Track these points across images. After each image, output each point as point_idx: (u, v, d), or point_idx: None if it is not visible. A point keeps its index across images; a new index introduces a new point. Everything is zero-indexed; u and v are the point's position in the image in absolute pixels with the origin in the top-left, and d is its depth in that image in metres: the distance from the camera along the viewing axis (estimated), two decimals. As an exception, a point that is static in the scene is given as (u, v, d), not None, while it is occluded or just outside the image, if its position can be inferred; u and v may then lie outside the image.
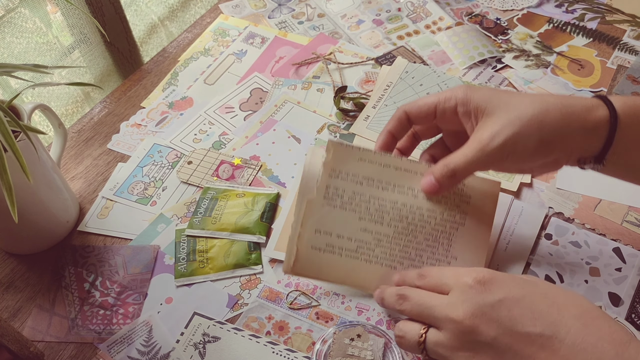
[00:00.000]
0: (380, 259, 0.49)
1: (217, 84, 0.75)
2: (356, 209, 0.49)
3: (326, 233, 0.48)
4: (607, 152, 0.45)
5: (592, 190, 0.61)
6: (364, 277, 0.48)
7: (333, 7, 0.85)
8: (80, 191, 0.64)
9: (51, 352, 0.52)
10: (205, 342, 0.51)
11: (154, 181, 0.64)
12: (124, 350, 0.51)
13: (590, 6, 0.83)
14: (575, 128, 0.44)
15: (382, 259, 0.49)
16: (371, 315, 0.53)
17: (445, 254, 0.49)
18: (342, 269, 0.48)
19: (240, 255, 0.56)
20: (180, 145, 0.68)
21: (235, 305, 0.54)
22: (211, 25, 0.84)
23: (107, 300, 0.54)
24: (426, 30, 0.81)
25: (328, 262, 0.48)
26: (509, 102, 0.45)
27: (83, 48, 0.78)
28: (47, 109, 0.56)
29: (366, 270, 0.48)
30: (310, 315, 0.53)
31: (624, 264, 0.55)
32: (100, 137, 0.70)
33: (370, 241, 0.49)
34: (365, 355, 0.49)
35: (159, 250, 0.58)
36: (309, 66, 0.77)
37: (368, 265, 0.48)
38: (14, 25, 0.67)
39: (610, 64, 0.74)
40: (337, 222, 0.49)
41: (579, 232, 0.58)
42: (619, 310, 0.52)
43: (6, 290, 0.56)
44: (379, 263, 0.49)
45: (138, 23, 0.86)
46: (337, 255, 0.48)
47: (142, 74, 0.78)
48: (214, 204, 0.60)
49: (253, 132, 0.69)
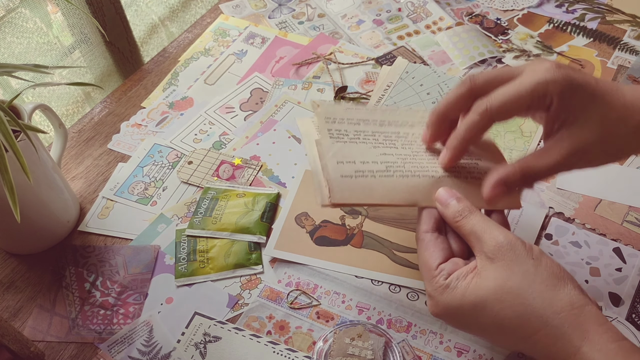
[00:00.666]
0: (416, 172, 0.46)
1: (217, 84, 0.75)
2: (366, 141, 0.48)
3: (349, 162, 0.46)
4: None
5: (592, 190, 0.61)
6: (410, 190, 0.45)
7: (333, 7, 0.85)
8: (81, 191, 0.64)
9: (52, 352, 0.52)
10: (206, 342, 0.51)
11: (155, 181, 0.64)
12: (124, 350, 0.51)
13: (590, 6, 0.83)
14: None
15: (417, 171, 0.46)
16: (372, 314, 0.53)
17: (469, 158, 0.48)
18: (381, 189, 0.45)
19: (241, 255, 0.56)
20: (181, 145, 0.68)
21: (235, 305, 0.54)
22: (211, 26, 0.84)
23: (107, 300, 0.54)
24: (426, 30, 0.81)
25: (364, 186, 0.45)
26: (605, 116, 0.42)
27: (83, 48, 0.78)
28: (47, 109, 0.56)
29: (407, 185, 0.45)
30: (310, 314, 0.53)
31: (624, 264, 0.55)
32: (100, 137, 0.70)
33: (396, 161, 0.47)
34: (365, 354, 0.49)
35: (160, 250, 0.58)
36: (309, 66, 0.77)
37: (407, 179, 0.45)
38: (14, 26, 0.67)
39: (611, 64, 0.74)
40: (354, 152, 0.47)
41: (579, 232, 0.58)
42: (619, 310, 0.52)
43: (7, 290, 0.56)
44: (416, 175, 0.46)
45: (138, 23, 0.86)
46: (371, 177, 0.45)
47: (143, 74, 0.78)
48: (215, 204, 0.60)
49: (253, 132, 0.69)
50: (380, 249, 0.57)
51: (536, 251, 0.40)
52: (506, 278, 0.38)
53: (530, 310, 0.38)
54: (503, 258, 0.39)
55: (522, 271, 0.38)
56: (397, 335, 0.51)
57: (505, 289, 0.38)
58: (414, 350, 0.50)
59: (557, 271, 0.39)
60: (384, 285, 0.55)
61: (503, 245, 0.39)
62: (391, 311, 0.53)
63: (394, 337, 0.51)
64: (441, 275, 0.41)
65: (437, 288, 0.41)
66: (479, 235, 0.41)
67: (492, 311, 0.39)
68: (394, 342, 0.50)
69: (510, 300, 0.38)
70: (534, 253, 0.39)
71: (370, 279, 0.55)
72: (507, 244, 0.39)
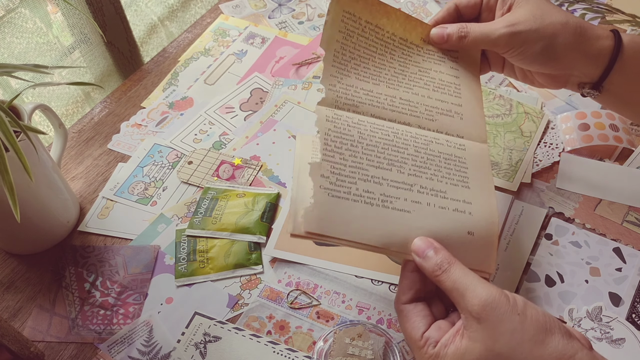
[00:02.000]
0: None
1: (217, 84, 0.75)
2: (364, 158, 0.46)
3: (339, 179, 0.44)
4: (604, 80, 0.49)
5: (592, 190, 0.61)
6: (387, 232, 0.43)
7: (333, 7, 0.85)
8: (81, 191, 0.64)
9: (51, 352, 0.52)
10: (206, 341, 0.51)
11: (155, 181, 0.64)
12: (124, 350, 0.51)
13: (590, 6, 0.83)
14: (581, 50, 0.49)
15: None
16: (372, 314, 0.53)
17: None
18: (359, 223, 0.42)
19: (241, 255, 0.56)
20: (181, 146, 0.68)
21: (235, 305, 0.54)
22: (211, 26, 0.84)
23: (107, 301, 0.54)
24: (426, 31, 0.81)
25: (343, 216, 0.42)
26: (541, 4, 0.50)
27: (83, 48, 0.78)
28: (47, 109, 0.56)
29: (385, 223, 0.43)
30: (310, 314, 0.53)
31: (624, 264, 0.55)
32: (100, 137, 0.70)
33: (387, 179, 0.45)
34: (365, 354, 0.49)
35: (160, 250, 0.58)
36: (309, 66, 0.77)
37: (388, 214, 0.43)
38: (14, 26, 0.67)
39: (610, 64, 0.74)
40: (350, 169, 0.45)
41: (579, 232, 0.58)
42: (619, 310, 0.52)
43: (6, 290, 0.56)
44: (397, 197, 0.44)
45: (138, 23, 0.86)
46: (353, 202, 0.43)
47: (143, 74, 0.78)
48: (215, 204, 0.60)
49: (253, 132, 0.69)
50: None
51: (520, 304, 0.39)
52: (494, 340, 0.38)
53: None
54: (488, 318, 0.38)
55: (509, 331, 0.38)
56: (397, 335, 0.51)
57: (494, 352, 0.38)
58: (414, 350, 0.50)
59: (543, 321, 0.38)
60: (384, 285, 0.55)
61: (487, 304, 0.39)
62: (391, 311, 0.53)
63: (394, 337, 0.51)
64: (428, 345, 0.41)
65: (427, 358, 0.41)
66: (461, 292, 0.40)
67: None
68: (394, 341, 0.50)
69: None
70: (519, 307, 0.39)
71: (370, 279, 0.55)
72: (491, 301, 0.39)
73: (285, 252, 0.57)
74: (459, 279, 0.40)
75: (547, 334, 0.38)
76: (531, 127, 0.67)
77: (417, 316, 0.42)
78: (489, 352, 0.38)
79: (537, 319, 0.38)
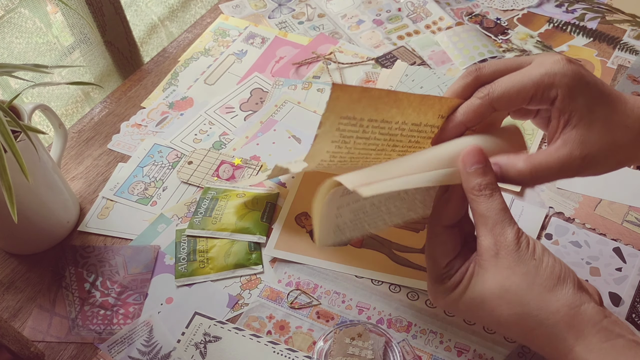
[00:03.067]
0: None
1: (217, 84, 0.75)
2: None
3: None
4: None
5: (592, 190, 0.61)
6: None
7: (333, 7, 0.85)
8: (81, 191, 0.64)
9: (51, 352, 0.52)
10: (206, 341, 0.51)
11: (155, 181, 0.64)
12: (124, 350, 0.51)
13: (590, 6, 0.83)
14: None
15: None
16: (372, 314, 0.53)
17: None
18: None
19: (241, 255, 0.56)
20: (181, 146, 0.68)
21: (235, 305, 0.54)
22: (211, 26, 0.84)
23: (107, 301, 0.54)
24: (426, 30, 0.81)
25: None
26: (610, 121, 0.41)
27: (83, 48, 0.78)
28: (47, 109, 0.56)
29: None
30: (310, 314, 0.53)
31: (624, 264, 0.55)
32: (100, 137, 0.70)
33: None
34: (366, 354, 0.49)
35: (160, 250, 0.58)
36: (309, 66, 0.77)
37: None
38: (14, 25, 0.67)
39: (611, 64, 0.74)
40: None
41: (579, 232, 0.58)
42: (619, 310, 0.52)
43: (7, 290, 0.56)
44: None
45: (138, 23, 0.86)
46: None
47: (143, 74, 0.78)
48: (215, 204, 0.60)
49: (253, 132, 0.69)
50: (380, 248, 0.57)
51: (539, 250, 0.40)
52: (506, 277, 0.39)
53: (526, 310, 0.38)
54: (507, 256, 0.39)
55: (523, 272, 0.39)
56: (397, 334, 0.51)
57: (504, 287, 0.39)
58: (414, 350, 0.50)
59: (558, 270, 0.39)
60: (384, 285, 0.55)
61: (510, 245, 0.39)
62: (391, 311, 0.53)
63: (394, 337, 0.51)
64: (448, 273, 0.42)
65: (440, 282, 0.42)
66: (490, 224, 0.40)
67: (489, 307, 0.39)
68: (394, 341, 0.50)
69: (508, 299, 0.39)
70: (537, 252, 0.39)
71: (370, 279, 0.55)
72: (514, 244, 0.39)
73: (285, 252, 0.57)
74: (494, 210, 0.40)
75: (559, 282, 0.38)
76: (533, 125, 0.67)
77: (452, 243, 0.42)
78: (499, 287, 0.39)
79: (553, 267, 0.39)
